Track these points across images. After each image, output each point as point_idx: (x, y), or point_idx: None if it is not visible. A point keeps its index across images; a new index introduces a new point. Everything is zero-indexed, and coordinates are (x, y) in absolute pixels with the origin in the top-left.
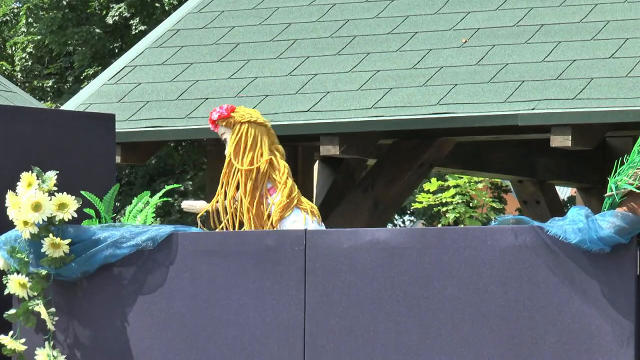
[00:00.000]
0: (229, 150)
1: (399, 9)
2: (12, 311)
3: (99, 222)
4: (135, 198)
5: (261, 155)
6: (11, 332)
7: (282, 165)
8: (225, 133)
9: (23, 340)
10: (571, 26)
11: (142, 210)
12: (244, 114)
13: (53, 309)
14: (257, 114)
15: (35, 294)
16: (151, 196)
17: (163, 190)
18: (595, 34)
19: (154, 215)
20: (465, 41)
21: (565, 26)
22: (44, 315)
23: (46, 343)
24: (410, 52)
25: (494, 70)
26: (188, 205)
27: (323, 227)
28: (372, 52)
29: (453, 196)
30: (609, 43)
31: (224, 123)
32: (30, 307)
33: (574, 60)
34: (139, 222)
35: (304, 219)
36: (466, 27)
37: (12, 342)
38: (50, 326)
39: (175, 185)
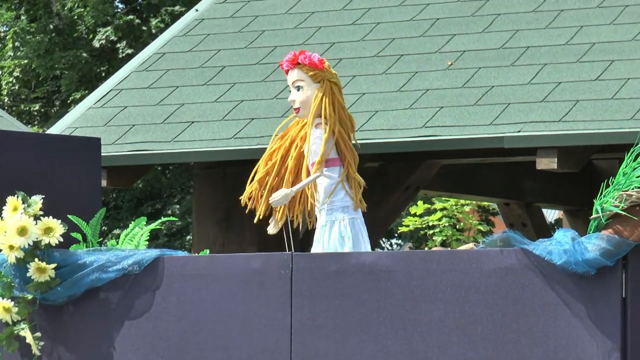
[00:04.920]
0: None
1: (385, 31)
2: None
3: (86, 246)
4: (132, 222)
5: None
6: None
7: None
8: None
9: None
10: (557, 48)
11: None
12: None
13: (38, 334)
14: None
15: (21, 318)
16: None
17: (160, 221)
18: (581, 56)
19: (147, 242)
20: (451, 64)
21: (550, 48)
22: (30, 340)
23: None
24: (396, 75)
25: (480, 92)
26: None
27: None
28: (358, 75)
29: (440, 219)
30: (595, 65)
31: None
32: (15, 332)
33: (560, 83)
34: (133, 247)
35: None
36: (452, 50)
37: None
38: (35, 351)
39: (172, 219)
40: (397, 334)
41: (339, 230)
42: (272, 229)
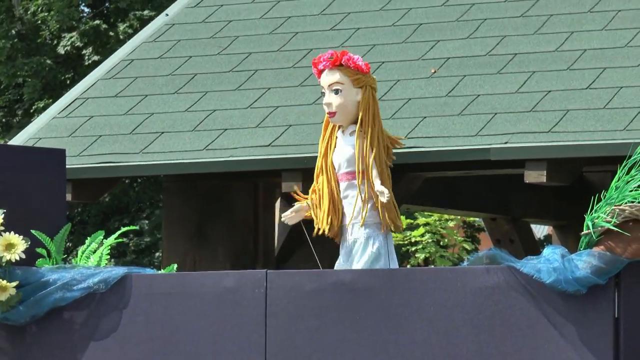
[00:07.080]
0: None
1: (365, 37)
2: None
3: (51, 263)
4: (88, 238)
5: None
6: None
7: None
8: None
9: None
10: (546, 55)
11: (95, 250)
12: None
13: None
14: None
15: None
16: (106, 236)
17: (119, 232)
18: (571, 64)
19: (109, 256)
20: (435, 71)
21: (539, 55)
22: None
23: None
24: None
25: (465, 101)
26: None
27: None
28: None
29: (422, 235)
30: (586, 73)
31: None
32: None
33: (549, 91)
34: (92, 264)
35: None
36: (435, 57)
37: None
38: None
39: (132, 227)
40: (378, 356)
41: (378, 245)
42: (291, 219)
